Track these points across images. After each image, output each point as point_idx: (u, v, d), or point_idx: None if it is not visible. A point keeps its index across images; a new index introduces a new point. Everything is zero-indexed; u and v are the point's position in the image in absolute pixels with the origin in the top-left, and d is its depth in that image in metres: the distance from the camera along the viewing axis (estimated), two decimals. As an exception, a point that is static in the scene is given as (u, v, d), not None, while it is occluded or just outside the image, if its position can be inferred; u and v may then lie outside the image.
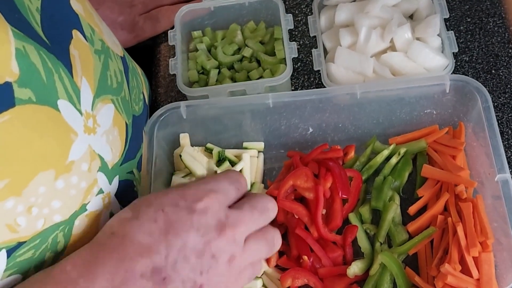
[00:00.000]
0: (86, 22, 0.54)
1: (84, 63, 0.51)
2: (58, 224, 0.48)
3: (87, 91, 0.51)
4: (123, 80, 0.61)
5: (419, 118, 0.70)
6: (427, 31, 0.72)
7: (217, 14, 0.81)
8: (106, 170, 0.54)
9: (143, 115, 0.68)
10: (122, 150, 0.58)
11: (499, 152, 0.60)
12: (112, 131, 0.55)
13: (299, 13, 0.84)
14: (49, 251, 0.49)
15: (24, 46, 0.42)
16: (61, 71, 0.46)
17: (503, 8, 0.80)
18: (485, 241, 0.58)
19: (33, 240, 0.46)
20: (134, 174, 0.62)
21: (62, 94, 0.46)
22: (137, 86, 0.67)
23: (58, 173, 0.46)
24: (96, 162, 0.52)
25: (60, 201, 0.47)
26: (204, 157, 0.69)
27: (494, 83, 0.74)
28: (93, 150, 0.51)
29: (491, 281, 0.57)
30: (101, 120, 0.53)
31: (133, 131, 0.62)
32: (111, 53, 0.59)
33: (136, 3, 0.84)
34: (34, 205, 0.44)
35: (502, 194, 0.58)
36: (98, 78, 0.53)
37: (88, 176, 0.50)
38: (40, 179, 0.44)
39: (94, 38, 0.55)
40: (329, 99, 0.67)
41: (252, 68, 0.78)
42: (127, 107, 0.61)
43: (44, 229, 0.47)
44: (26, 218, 0.44)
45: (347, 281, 0.62)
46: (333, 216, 0.64)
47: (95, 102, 0.52)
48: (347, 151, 0.70)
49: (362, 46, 0.72)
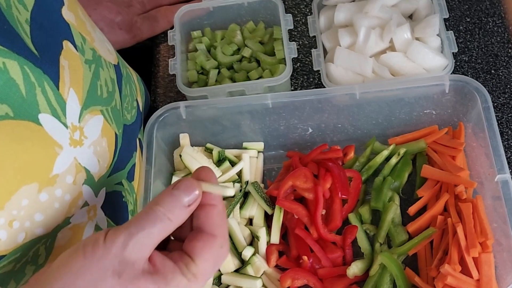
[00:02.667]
0: (77, 31, 0.54)
1: (73, 74, 0.50)
2: (40, 237, 0.47)
3: (74, 103, 0.50)
4: (114, 89, 0.60)
5: (419, 118, 0.70)
6: (426, 31, 0.72)
7: (216, 14, 0.81)
8: (92, 183, 0.53)
9: (136, 124, 0.67)
10: (110, 162, 0.57)
11: (499, 153, 0.60)
12: (100, 142, 0.54)
13: (299, 13, 0.84)
14: (30, 264, 0.48)
15: (4, 62, 0.41)
16: (45, 84, 0.46)
17: (502, 8, 0.80)
18: (485, 242, 0.58)
19: (13, 254, 0.45)
20: (123, 185, 0.61)
21: (44, 108, 0.45)
22: (131, 94, 0.67)
23: (41, 186, 0.45)
24: (81, 174, 0.51)
25: (43, 214, 0.47)
26: (204, 157, 0.69)
27: (494, 83, 0.74)
28: (78, 162, 0.50)
29: (491, 281, 0.57)
30: (88, 132, 0.52)
31: (123, 141, 0.61)
32: (102, 62, 0.58)
33: (135, 3, 0.84)
34: (16, 218, 0.44)
35: (502, 194, 0.58)
36: (88, 88, 0.53)
37: (72, 188, 0.50)
38: (23, 192, 0.44)
39: (85, 48, 0.55)
40: (328, 99, 0.67)
41: (252, 68, 0.77)
42: (117, 117, 0.60)
43: (25, 243, 0.46)
44: (7, 231, 0.44)
45: (347, 282, 0.62)
46: (332, 216, 0.64)
47: (83, 114, 0.51)
48: (346, 152, 0.70)
49: (362, 46, 0.72)
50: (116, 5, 0.83)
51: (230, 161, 0.70)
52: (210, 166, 0.69)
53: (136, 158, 0.65)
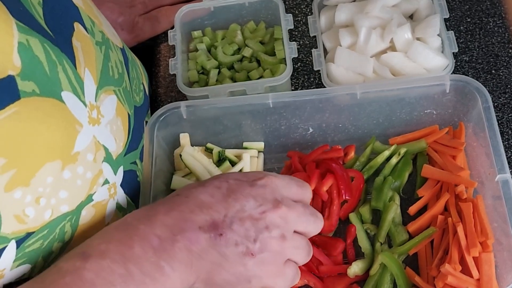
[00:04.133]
0: (86, 14, 0.55)
1: (86, 55, 0.52)
2: (65, 214, 0.49)
3: (90, 82, 0.51)
4: (123, 71, 0.62)
5: (419, 118, 0.70)
6: (427, 31, 0.72)
7: (217, 14, 0.81)
8: (111, 161, 0.55)
9: (144, 106, 0.69)
10: (125, 141, 0.59)
11: (499, 152, 0.60)
12: (115, 122, 0.56)
13: (299, 13, 0.84)
14: (57, 241, 0.49)
15: (28, 40, 0.42)
16: (64, 63, 0.47)
17: (503, 8, 0.80)
18: (485, 241, 0.58)
19: (41, 231, 0.47)
20: (137, 165, 0.63)
21: (66, 86, 0.47)
22: (137, 77, 0.68)
23: (64, 164, 0.47)
24: (100, 152, 0.53)
25: (67, 191, 0.48)
26: (204, 157, 0.69)
27: (494, 83, 0.74)
28: (97, 140, 0.52)
29: (491, 281, 0.57)
30: (104, 111, 0.54)
31: (135, 122, 0.62)
32: (111, 44, 0.60)
33: (136, 4, 0.84)
34: (42, 195, 0.45)
35: (502, 194, 0.58)
36: (101, 69, 0.54)
37: (93, 166, 0.51)
38: (47, 169, 0.45)
39: (95, 30, 0.56)
40: (329, 99, 0.67)
41: (252, 68, 0.78)
42: (129, 98, 0.61)
43: (52, 220, 0.48)
44: (34, 208, 0.45)
45: (347, 281, 0.62)
46: (328, 218, 0.64)
47: (98, 93, 0.53)
48: (347, 152, 0.70)
49: (362, 46, 0.72)
50: (118, 6, 0.83)
51: (230, 161, 0.70)
52: (210, 166, 0.69)
53: (144, 139, 0.67)
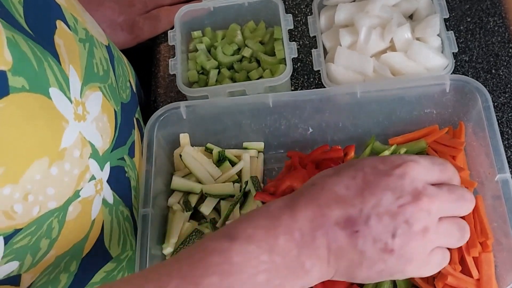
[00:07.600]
0: (68, 12, 0.55)
1: (70, 52, 0.52)
2: (52, 210, 0.49)
3: (75, 79, 0.52)
4: (109, 68, 0.62)
5: (419, 118, 0.70)
6: (427, 31, 0.72)
7: (217, 14, 0.81)
8: (97, 157, 0.55)
9: (132, 102, 0.69)
10: (112, 137, 0.59)
11: (499, 152, 0.60)
12: (101, 118, 0.56)
13: (299, 13, 0.84)
14: (44, 238, 0.49)
15: (13, 36, 0.42)
16: (49, 59, 0.47)
17: (503, 7, 0.80)
18: (485, 241, 0.58)
19: (29, 227, 0.47)
20: (125, 161, 0.63)
21: (53, 82, 0.47)
22: (123, 74, 0.68)
23: (52, 160, 0.47)
24: (87, 149, 0.53)
25: (54, 188, 0.48)
26: (204, 157, 0.69)
27: (494, 83, 0.74)
28: (83, 137, 0.52)
29: (491, 281, 0.57)
30: (90, 107, 0.54)
31: (122, 118, 0.62)
32: (95, 42, 0.60)
33: (136, 4, 0.84)
34: (30, 192, 0.45)
35: (502, 194, 0.58)
36: (85, 66, 0.54)
37: (80, 162, 0.51)
38: (36, 166, 0.45)
39: (78, 27, 0.56)
40: (329, 99, 0.67)
41: (252, 68, 0.78)
42: (115, 94, 0.62)
43: (40, 216, 0.48)
44: (23, 205, 0.45)
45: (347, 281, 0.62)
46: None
47: (83, 89, 0.53)
48: (347, 152, 0.70)
49: (362, 46, 0.72)
50: (118, 5, 0.83)
51: (230, 161, 0.70)
52: (210, 166, 0.69)
53: (135, 136, 0.67)
